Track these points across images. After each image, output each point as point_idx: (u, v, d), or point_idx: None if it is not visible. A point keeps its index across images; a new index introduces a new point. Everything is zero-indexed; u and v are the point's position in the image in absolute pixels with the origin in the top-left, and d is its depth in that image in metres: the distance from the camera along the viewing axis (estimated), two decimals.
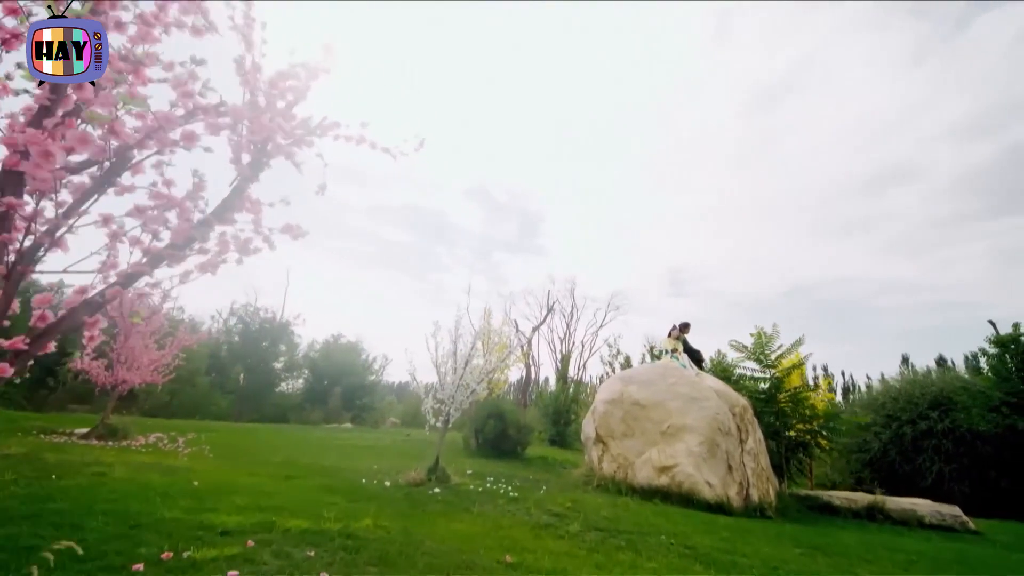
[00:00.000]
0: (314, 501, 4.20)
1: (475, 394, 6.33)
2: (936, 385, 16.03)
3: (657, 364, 8.90)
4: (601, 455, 7.97)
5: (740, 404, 8.06)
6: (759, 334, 9.18)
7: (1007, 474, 13.01)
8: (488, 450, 11.01)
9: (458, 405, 6.27)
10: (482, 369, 6.45)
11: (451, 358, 6.43)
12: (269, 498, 4.11)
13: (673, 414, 7.57)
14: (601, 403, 8.35)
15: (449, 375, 6.36)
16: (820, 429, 8.93)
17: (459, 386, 6.25)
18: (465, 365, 6.33)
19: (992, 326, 13.40)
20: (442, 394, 6.31)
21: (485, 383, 6.45)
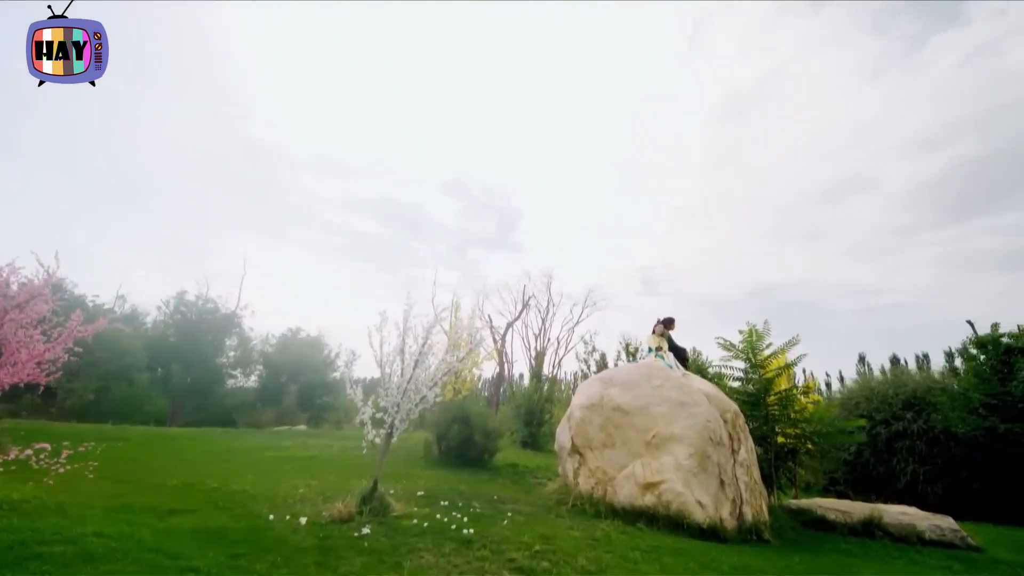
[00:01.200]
0: (174, 560, 2.90)
1: (426, 401, 5.12)
2: (909, 385, 15.98)
3: (641, 364, 7.94)
4: (577, 468, 6.92)
5: (732, 409, 7.19)
6: (750, 331, 8.38)
7: (979, 475, 12.93)
8: (452, 458, 9.81)
9: (404, 415, 5.04)
10: (436, 370, 5.23)
11: (398, 356, 5.19)
12: (105, 560, 2.79)
13: (659, 421, 6.61)
14: (578, 408, 7.30)
15: (395, 377, 5.11)
16: (811, 434, 8.21)
17: (406, 391, 5.02)
18: (415, 365, 5.10)
19: (971, 327, 13.34)
20: (385, 400, 5.06)
21: (440, 387, 5.24)
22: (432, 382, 5.15)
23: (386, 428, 4.99)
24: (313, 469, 7.27)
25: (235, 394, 22.64)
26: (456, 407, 10.40)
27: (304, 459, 8.22)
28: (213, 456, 8.00)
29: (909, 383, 16.02)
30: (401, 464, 9.10)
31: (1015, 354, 10.65)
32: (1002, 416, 10.64)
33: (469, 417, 9.98)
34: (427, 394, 5.08)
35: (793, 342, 8.17)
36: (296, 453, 8.87)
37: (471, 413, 10.08)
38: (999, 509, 11.84)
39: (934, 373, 16.07)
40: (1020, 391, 10.21)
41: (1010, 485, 11.41)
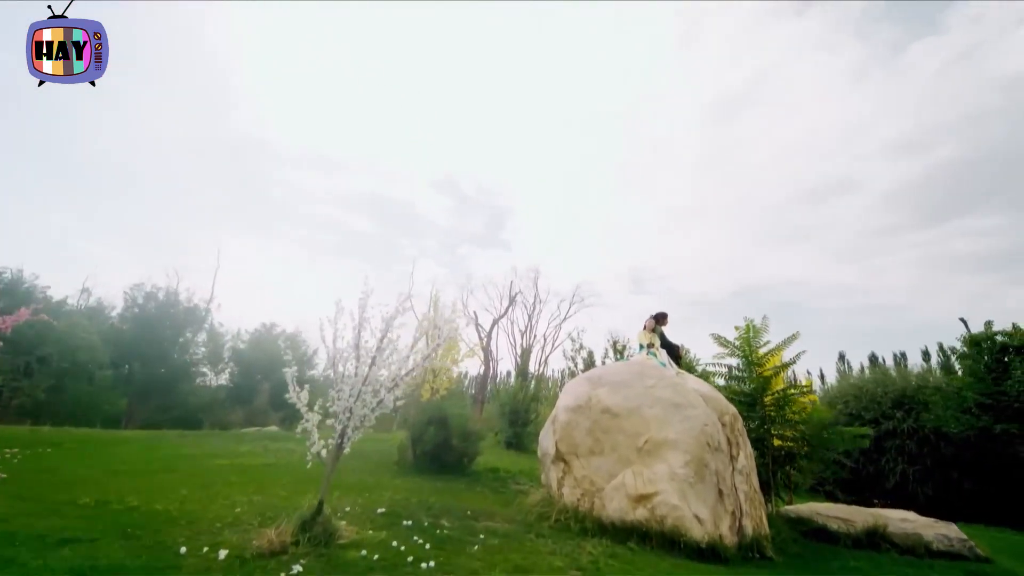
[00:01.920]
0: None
1: (384, 406, 4.35)
2: (898, 384, 15.77)
3: (632, 362, 7.30)
4: (562, 478, 6.25)
5: (730, 412, 6.61)
6: (748, 327, 7.82)
7: (969, 476, 12.73)
8: (427, 464, 9.04)
9: (359, 421, 4.27)
10: (399, 369, 4.47)
11: (353, 353, 4.41)
12: None
13: (652, 425, 5.97)
14: (563, 410, 6.62)
15: (349, 377, 4.33)
16: (809, 437, 7.71)
17: (360, 393, 4.25)
18: (371, 363, 4.33)
19: (963, 324, 13.15)
20: (336, 405, 4.28)
21: (402, 388, 4.48)
22: (393, 382, 4.39)
23: (335, 437, 4.21)
24: (264, 480, 6.43)
25: (201, 393, 21.36)
26: (433, 408, 9.63)
27: (258, 467, 7.36)
28: (153, 465, 7.09)
29: (898, 381, 15.81)
30: (370, 471, 8.31)
31: (1010, 353, 10.38)
32: (996, 416, 10.36)
33: (447, 419, 9.22)
34: (385, 397, 4.31)
35: (792, 338, 7.64)
36: (251, 460, 7.99)
37: (449, 414, 9.33)
38: (991, 510, 11.63)
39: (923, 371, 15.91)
40: (1016, 390, 9.92)
41: (1005, 486, 11.19)
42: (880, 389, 15.54)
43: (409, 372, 4.48)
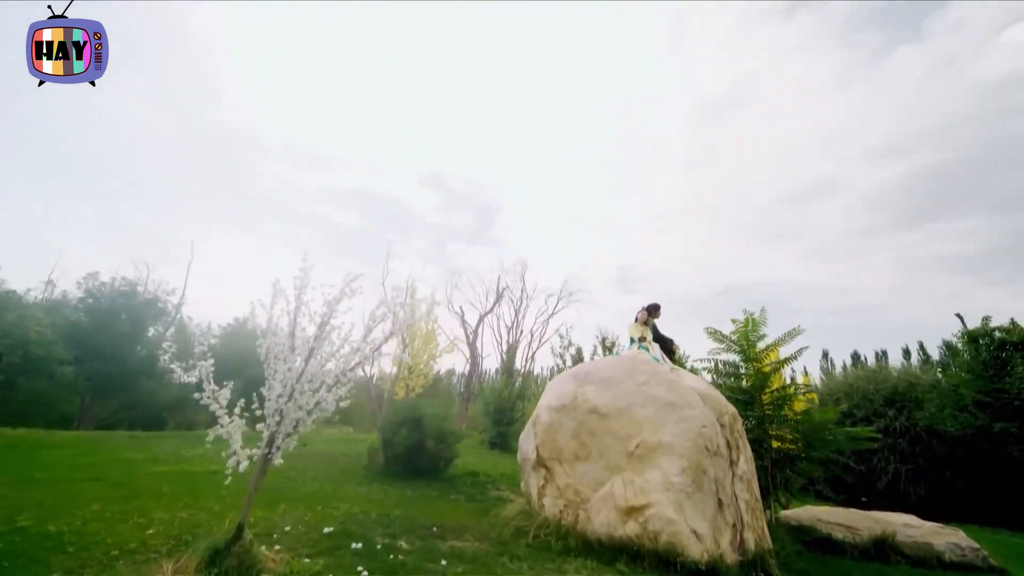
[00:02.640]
0: None
1: (323, 408, 3.59)
2: (891, 381, 15.49)
3: (622, 357, 6.65)
4: (543, 486, 5.56)
5: (729, 412, 6.00)
6: (747, 320, 7.23)
7: (962, 475, 12.47)
8: (399, 468, 8.28)
9: (291, 426, 3.50)
10: (345, 364, 3.71)
11: (287, 343, 3.64)
12: None
13: (644, 427, 5.32)
14: (546, 410, 5.93)
15: (279, 376, 3.56)
16: (810, 438, 7.17)
17: (293, 393, 3.48)
18: (308, 356, 3.56)
19: (959, 320, 12.88)
20: (267, 406, 3.52)
21: (346, 387, 3.72)
22: (335, 379, 3.63)
23: (262, 445, 3.44)
24: (202, 491, 5.61)
25: (167, 391, 20.11)
26: (407, 407, 8.86)
27: (201, 475, 6.52)
28: (79, 472, 6.20)
29: (890, 379, 15.53)
30: (334, 477, 7.52)
31: (1008, 349, 10.02)
32: (995, 414, 10.01)
33: (421, 419, 8.46)
34: (325, 398, 3.55)
35: (793, 333, 7.08)
36: (197, 466, 7.13)
37: (425, 414, 8.57)
38: (984, 510, 11.34)
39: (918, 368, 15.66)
40: (1016, 388, 9.57)
41: (998, 486, 10.89)
42: (872, 386, 15.24)
43: (356, 366, 3.72)
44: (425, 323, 11.39)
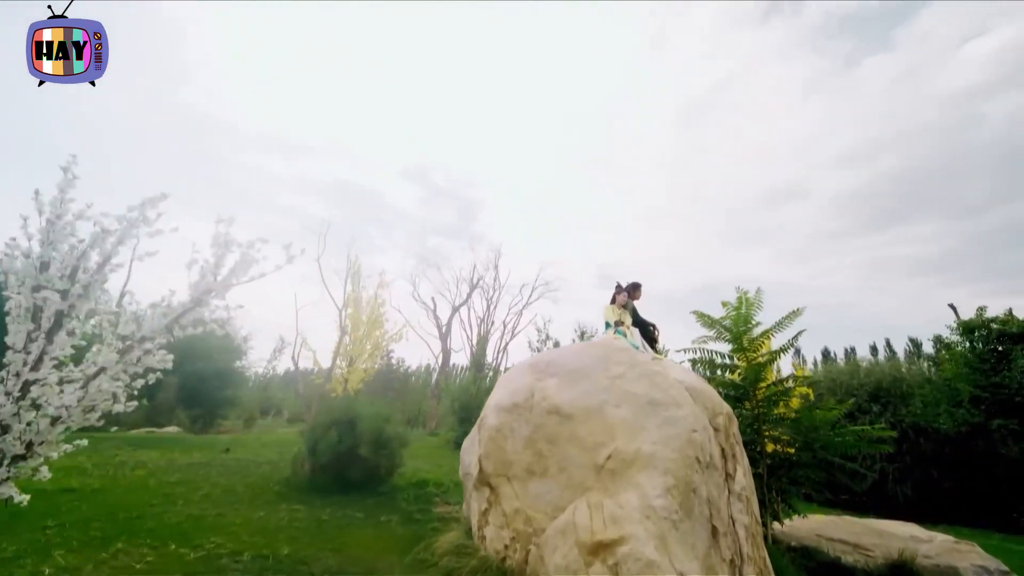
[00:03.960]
0: None
1: (71, 417, 2.15)
2: (874, 375, 14.94)
3: (593, 343, 5.39)
4: (485, 511, 4.24)
5: (724, 411, 4.82)
6: (741, 299, 6.09)
7: (950, 474, 11.90)
8: (326, 481, 6.82)
9: (21, 444, 2.06)
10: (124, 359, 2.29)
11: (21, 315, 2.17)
12: None
13: (619, 432, 4.07)
14: (493, 411, 4.60)
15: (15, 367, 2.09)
16: (809, 439, 6.12)
17: (20, 399, 2.02)
18: (46, 340, 2.11)
19: (952, 310, 12.23)
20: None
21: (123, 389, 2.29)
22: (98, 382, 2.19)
23: None
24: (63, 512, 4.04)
25: None
26: (339, 407, 7.38)
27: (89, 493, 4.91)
28: None
29: (874, 373, 14.96)
30: (233, 496, 6.02)
31: (1006, 340, 9.31)
32: (992, 410, 9.29)
33: (355, 420, 7.01)
34: (65, 404, 2.11)
35: (794, 314, 5.98)
36: (75, 481, 5.48)
37: (360, 415, 7.12)
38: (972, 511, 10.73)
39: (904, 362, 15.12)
40: (1016, 382, 8.84)
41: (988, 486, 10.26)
42: (855, 381, 14.66)
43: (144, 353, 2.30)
44: (371, 306, 9.78)
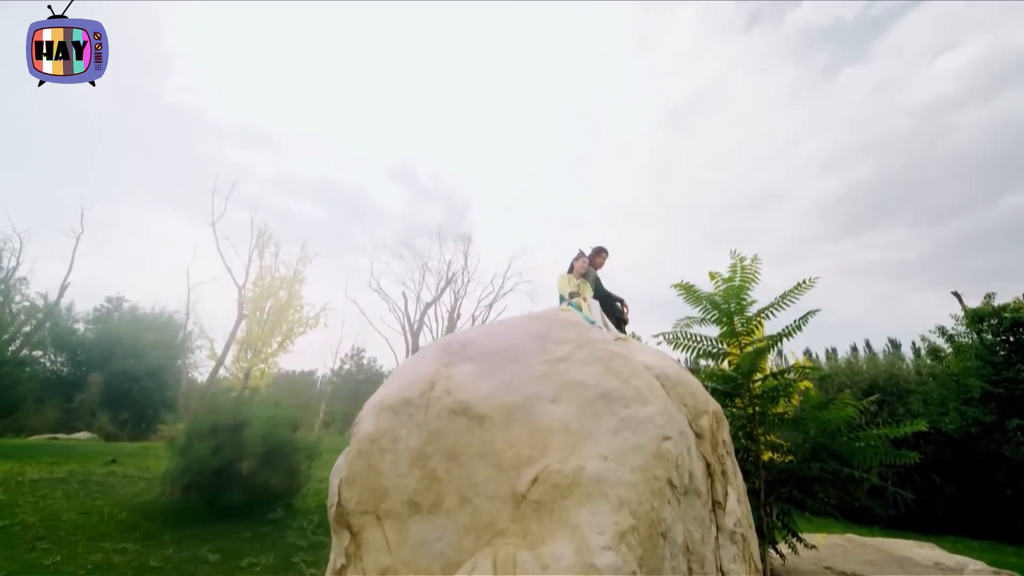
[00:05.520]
0: None
1: None
2: (867, 372, 13.98)
3: (533, 316, 3.95)
4: (343, 568, 2.75)
5: (709, 409, 3.41)
6: (736, 266, 4.72)
7: (953, 479, 10.86)
8: (200, 504, 5.23)
9: None
10: None
11: None
12: None
13: (553, 442, 2.64)
14: (372, 412, 3.11)
15: None
16: (818, 445, 4.83)
17: None
18: None
19: (957, 298, 11.24)
20: None
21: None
22: None
23: None
24: None
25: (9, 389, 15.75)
26: (228, 407, 5.77)
27: None
28: None
29: (869, 370, 13.97)
30: (80, 523, 4.40)
31: (1021, 330, 8.23)
32: (1007, 408, 8.19)
33: (243, 425, 5.43)
34: None
35: (806, 284, 4.67)
36: None
37: (250, 418, 5.53)
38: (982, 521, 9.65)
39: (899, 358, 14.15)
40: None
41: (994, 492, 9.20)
42: (847, 379, 13.67)
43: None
44: (286, 288, 8.04)
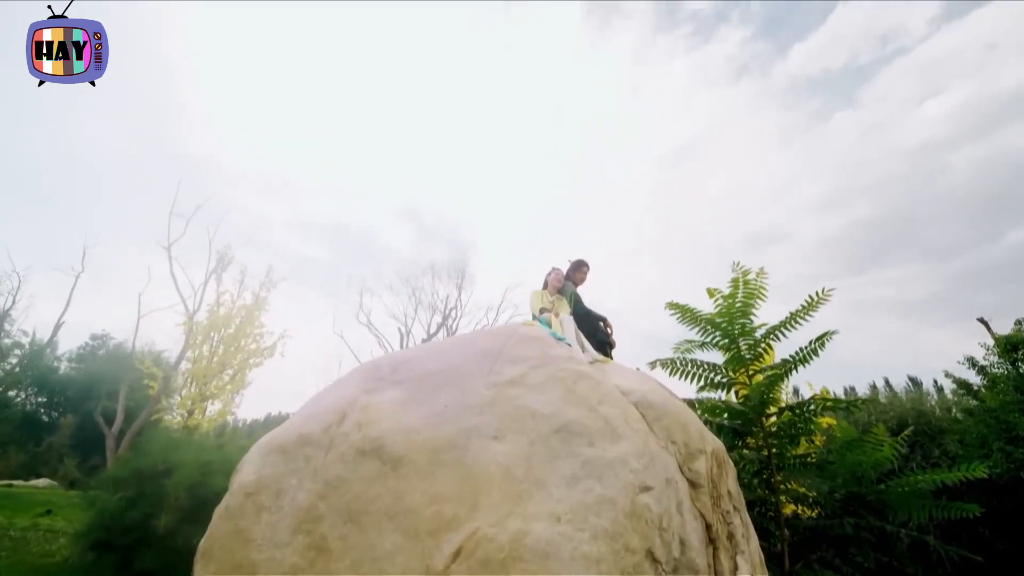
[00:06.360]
0: None
1: None
2: (893, 410, 12.77)
3: (485, 331, 3.28)
4: None
5: (708, 449, 2.63)
6: (737, 280, 4.05)
7: (1006, 532, 9.46)
8: (112, 567, 4.36)
9: None
10: None
11: None
12: None
13: (488, 494, 1.90)
14: (258, 454, 2.39)
15: None
16: (852, 496, 3.97)
17: None
18: None
19: (984, 325, 10.31)
20: None
21: None
22: None
23: None
24: None
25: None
26: (154, 451, 4.99)
27: None
28: None
29: (896, 406, 12.78)
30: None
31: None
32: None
33: (168, 473, 4.64)
34: None
35: (820, 299, 3.98)
36: None
37: (180, 464, 4.74)
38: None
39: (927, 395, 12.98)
40: None
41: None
42: (872, 418, 12.46)
43: None
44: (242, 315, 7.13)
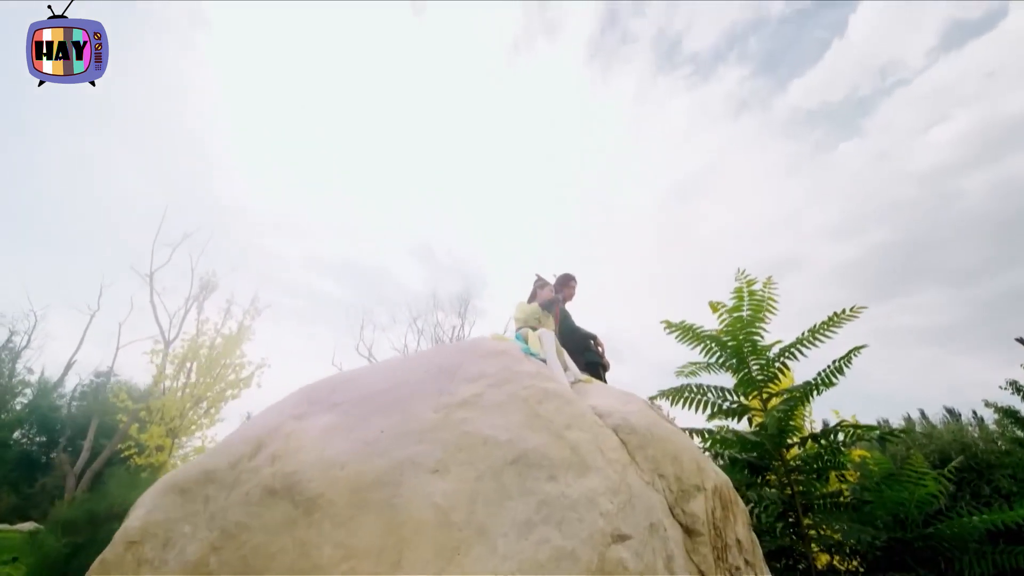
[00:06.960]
0: None
1: None
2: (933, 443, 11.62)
3: (443, 347, 2.90)
4: None
5: (709, 486, 2.13)
6: (741, 291, 3.60)
7: None
8: None
9: None
10: None
11: None
12: None
13: (418, 548, 1.45)
14: (153, 497, 2.00)
15: None
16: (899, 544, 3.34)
17: None
18: None
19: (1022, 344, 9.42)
20: None
21: None
22: None
23: None
24: None
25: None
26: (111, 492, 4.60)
27: None
28: None
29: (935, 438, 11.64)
30: None
31: None
32: None
33: (117, 517, 4.24)
34: None
35: (845, 316, 3.51)
36: None
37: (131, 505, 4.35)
38: None
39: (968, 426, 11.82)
40: None
41: None
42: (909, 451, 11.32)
43: None
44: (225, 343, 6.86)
